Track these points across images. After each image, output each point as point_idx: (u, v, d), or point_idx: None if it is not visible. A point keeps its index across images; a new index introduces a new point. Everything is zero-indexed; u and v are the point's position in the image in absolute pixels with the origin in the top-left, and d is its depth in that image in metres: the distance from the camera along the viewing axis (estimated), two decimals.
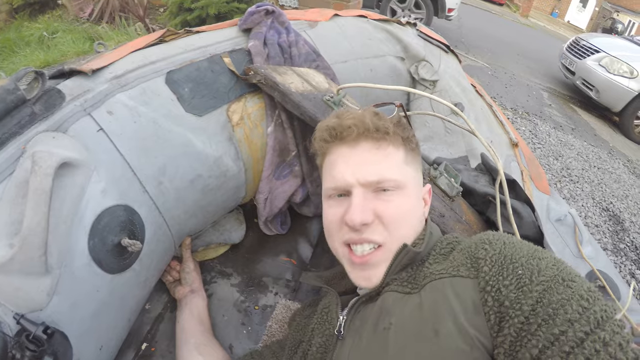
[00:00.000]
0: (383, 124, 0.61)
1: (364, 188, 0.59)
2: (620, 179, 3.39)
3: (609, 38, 5.48)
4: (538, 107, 4.59)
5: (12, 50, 3.55)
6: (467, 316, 0.46)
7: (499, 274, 0.46)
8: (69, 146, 0.59)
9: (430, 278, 0.52)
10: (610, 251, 2.39)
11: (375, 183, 0.59)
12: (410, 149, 0.65)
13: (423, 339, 0.47)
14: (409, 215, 0.61)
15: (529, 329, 0.41)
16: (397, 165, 0.61)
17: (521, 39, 9.16)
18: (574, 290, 0.42)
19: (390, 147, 0.62)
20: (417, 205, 0.64)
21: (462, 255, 0.52)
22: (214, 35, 0.92)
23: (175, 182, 0.75)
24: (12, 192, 0.53)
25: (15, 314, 0.51)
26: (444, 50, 1.51)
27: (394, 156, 0.61)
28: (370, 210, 0.58)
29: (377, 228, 0.59)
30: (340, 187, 0.61)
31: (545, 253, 0.48)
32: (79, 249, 0.58)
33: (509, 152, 1.43)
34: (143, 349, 0.82)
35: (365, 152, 0.61)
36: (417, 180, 0.66)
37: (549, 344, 0.40)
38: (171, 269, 0.92)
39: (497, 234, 0.53)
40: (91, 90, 0.67)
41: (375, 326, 0.53)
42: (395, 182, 0.59)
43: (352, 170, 0.60)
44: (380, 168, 0.60)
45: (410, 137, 0.65)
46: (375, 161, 0.60)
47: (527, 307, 0.42)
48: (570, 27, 16.08)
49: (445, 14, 5.25)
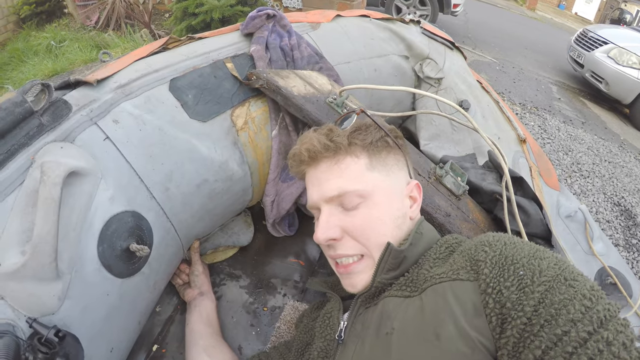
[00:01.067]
0: (334, 139, 0.63)
1: (329, 205, 0.62)
2: (632, 172, 3.33)
3: (617, 29, 5.37)
4: (547, 102, 4.53)
5: (21, 60, 3.63)
6: (467, 319, 0.45)
7: (500, 276, 0.46)
8: (77, 155, 0.60)
9: (431, 282, 0.52)
10: (622, 247, 2.35)
11: (337, 197, 0.61)
12: (375, 153, 0.64)
13: (425, 342, 0.47)
14: (378, 224, 0.60)
15: (532, 330, 0.41)
16: (358, 174, 0.62)
17: (528, 33, 9.04)
18: (577, 289, 0.42)
19: (347, 158, 0.63)
20: (392, 208, 0.63)
21: (462, 258, 0.52)
22: (216, 41, 0.93)
23: (181, 187, 0.76)
24: (23, 202, 0.55)
25: (28, 318, 0.52)
26: (449, 47, 1.50)
27: (353, 167, 0.62)
28: (336, 226, 0.61)
29: (347, 243, 0.61)
30: (312, 207, 0.66)
31: (547, 253, 0.47)
32: (89, 254, 0.60)
33: (517, 148, 1.41)
34: (154, 351, 0.84)
35: (324, 170, 0.64)
36: (391, 182, 0.65)
37: (552, 345, 0.39)
38: (180, 272, 0.93)
39: (497, 235, 0.52)
40: (97, 100, 0.69)
41: (377, 331, 0.53)
42: (356, 192, 0.60)
43: (317, 189, 0.64)
44: (339, 182, 0.61)
45: (375, 141, 0.65)
46: (333, 176, 0.62)
47: (529, 308, 0.42)
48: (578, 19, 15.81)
49: (451, 9, 5.21)
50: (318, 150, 0.63)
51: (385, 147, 0.66)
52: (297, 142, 0.68)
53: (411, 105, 1.47)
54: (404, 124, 1.51)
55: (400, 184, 0.66)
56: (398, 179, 0.66)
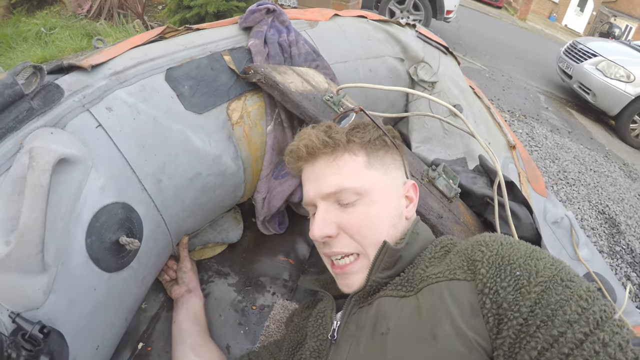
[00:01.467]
0: (333, 136, 0.63)
1: (325, 201, 0.62)
2: (616, 182, 3.42)
3: (606, 42, 5.51)
4: (535, 110, 4.61)
5: (10, 46, 3.54)
6: (464, 319, 0.45)
7: (497, 276, 0.46)
8: (67, 142, 0.58)
9: (427, 282, 0.52)
10: (606, 254, 2.41)
11: (334, 194, 0.61)
12: (373, 151, 0.65)
13: (421, 342, 0.47)
14: (375, 222, 0.60)
15: (528, 330, 0.41)
16: (356, 172, 0.62)
17: (519, 42, 9.21)
18: (573, 290, 0.42)
19: (345, 155, 0.63)
20: (389, 207, 0.63)
21: (458, 258, 0.52)
22: (215, 32, 0.91)
23: (174, 180, 0.74)
24: (9, 188, 0.52)
25: (11, 312, 0.50)
26: (443, 52, 1.51)
27: (351, 164, 0.62)
28: (333, 223, 0.61)
29: (343, 240, 0.61)
30: (309, 203, 0.66)
31: (543, 253, 0.47)
32: (77, 246, 0.58)
33: (507, 154, 1.43)
34: (139, 349, 0.81)
35: (322, 166, 0.64)
36: (388, 181, 0.65)
37: (548, 346, 0.39)
38: (168, 268, 0.91)
39: (493, 236, 0.52)
40: (90, 86, 0.66)
41: (372, 331, 0.53)
42: (354, 189, 0.60)
43: (314, 186, 0.64)
44: (337, 178, 0.61)
45: (373, 140, 0.65)
46: (331, 173, 0.62)
47: (525, 309, 0.42)
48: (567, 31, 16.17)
49: (444, 15, 5.26)
50: (316, 146, 0.62)
51: (383, 146, 0.66)
52: (295, 138, 0.68)
53: (404, 107, 1.47)
54: (396, 126, 1.51)
55: (397, 183, 0.66)
56: (395, 178, 0.66)
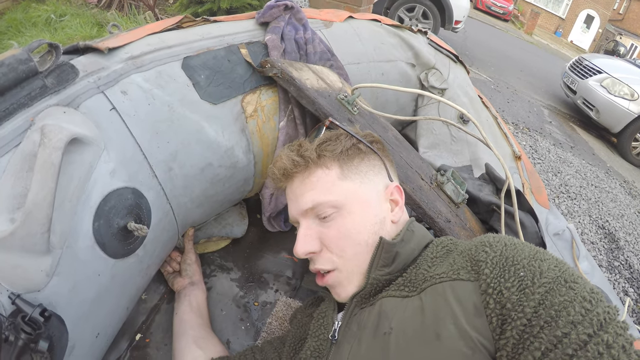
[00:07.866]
0: (303, 154, 0.64)
1: (306, 218, 0.64)
2: (616, 198, 3.43)
3: (612, 60, 5.53)
4: (539, 124, 4.63)
5: (18, 30, 3.51)
6: (468, 319, 0.45)
7: (501, 276, 0.45)
8: (80, 122, 0.57)
9: (431, 282, 0.52)
10: (605, 268, 2.41)
11: (311, 210, 0.62)
12: (346, 162, 0.65)
13: (425, 342, 0.46)
14: (353, 232, 0.60)
15: (532, 331, 0.41)
16: (329, 185, 0.62)
17: (524, 56, 9.26)
18: (577, 292, 0.42)
19: (318, 171, 0.64)
20: (368, 215, 0.62)
21: (462, 258, 0.52)
22: (232, 25, 0.91)
23: (185, 168, 0.73)
24: (17, 165, 0.50)
25: (11, 293, 0.48)
26: (453, 60, 1.52)
27: (324, 178, 0.63)
28: (315, 239, 0.62)
29: (325, 255, 0.62)
30: (293, 221, 0.67)
31: (547, 254, 0.47)
32: (83, 229, 0.56)
33: (512, 164, 1.43)
34: (137, 340, 0.80)
35: (298, 185, 0.65)
36: (365, 189, 0.64)
37: (552, 347, 0.39)
38: (171, 260, 0.90)
39: (497, 236, 0.52)
40: (106, 68, 0.65)
41: (374, 331, 0.52)
42: (329, 203, 0.61)
43: (294, 204, 0.65)
44: (312, 194, 0.62)
45: (345, 150, 0.65)
46: (306, 190, 0.63)
47: (529, 310, 0.42)
48: (573, 47, 16.28)
49: (452, 25, 5.28)
50: (289, 168, 0.64)
51: (358, 154, 0.66)
52: (272, 161, 0.70)
53: (413, 113, 1.48)
54: (404, 130, 1.51)
55: (377, 188, 0.66)
56: (374, 183, 0.66)
